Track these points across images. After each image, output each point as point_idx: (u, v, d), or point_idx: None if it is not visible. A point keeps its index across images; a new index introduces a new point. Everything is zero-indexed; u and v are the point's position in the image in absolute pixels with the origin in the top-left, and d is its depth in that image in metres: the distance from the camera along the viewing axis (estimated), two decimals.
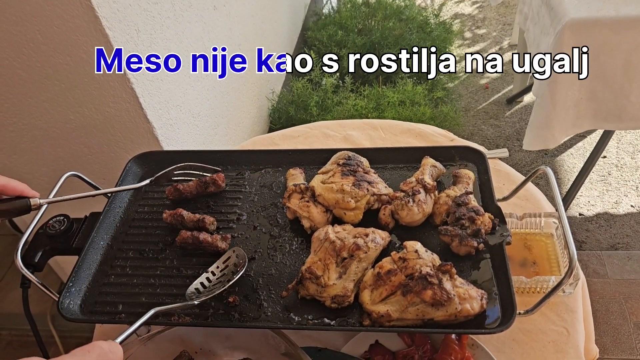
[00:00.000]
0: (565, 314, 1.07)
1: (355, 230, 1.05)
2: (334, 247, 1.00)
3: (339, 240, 1.01)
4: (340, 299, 0.95)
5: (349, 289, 0.96)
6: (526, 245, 1.17)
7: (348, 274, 0.98)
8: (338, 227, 1.07)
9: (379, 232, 1.04)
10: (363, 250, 0.99)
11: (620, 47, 1.77)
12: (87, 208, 1.23)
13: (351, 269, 0.98)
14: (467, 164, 1.23)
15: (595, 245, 2.50)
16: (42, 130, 1.57)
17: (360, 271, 0.99)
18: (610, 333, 2.15)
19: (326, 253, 1.00)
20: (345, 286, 0.96)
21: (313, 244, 1.04)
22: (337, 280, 0.97)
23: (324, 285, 0.96)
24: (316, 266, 0.98)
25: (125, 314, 1.01)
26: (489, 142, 3.12)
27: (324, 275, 0.97)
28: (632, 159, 2.88)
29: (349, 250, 0.99)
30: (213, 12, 2.03)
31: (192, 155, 1.34)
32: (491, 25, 4.13)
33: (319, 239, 1.03)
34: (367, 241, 1.01)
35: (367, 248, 1.00)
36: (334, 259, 0.99)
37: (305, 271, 0.97)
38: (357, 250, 0.99)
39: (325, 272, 0.97)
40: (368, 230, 1.04)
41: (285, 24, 3.19)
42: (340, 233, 1.04)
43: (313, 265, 0.98)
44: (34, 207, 0.98)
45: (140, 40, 1.50)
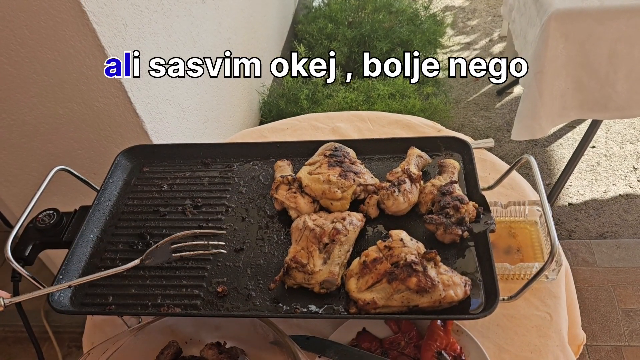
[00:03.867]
0: (548, 300, 1.09)
1: (332, 216, 1.07)
2: (315, 234, 1.02)
3: (318, 228, 1.03)
4: (328, 284, 0.98)
5: (336, 272, 0.98)
6: (511, 233, 1.19)
7: (332, 258, 1.00)
8: (314, 215, 1.09)
9: (354, 214, 1.07)
10: (343, 234, 1.02)
11: (605, 37, 1.79)
12: (77, 201, 1.24)
13: (334, 253, 1.00)
14: (453, 154, 1.25)
15: (585, 234, 2.52)
16: (31, 125, 1.57)
17: (343, 254, 1.02)
18: (599, 320, 2.18)
19: (308, 241, 1.02)
20: (331, 270, 0.98)
21: (293, 234, 1.06)
22: (322, 266, 0.99)
23: (311, 272, 0.98)
24: (300, 255, 1.00)
25: (115, 305, 1.02)
26: (479, 133, 3.14)
27: (309, 262, 0.99)
28: (621, 149, 2.91)
29: (329, 236, 1.02)
30: (202, 5, 2.03)
31: (181, 148, 1.35)
32: (481, 16, 4.14)
33: (299, 229, 1.05)
34: (345, 224, 1.04)
35: (346, 231, 1.03)
36: (316, 245, 1.01)
37: (290, 261, 0.99)
38: (337, 234, 1.01)
39: (310, 260, 0.99)
40: (344, 214, 1.07)
41: (275, 17, 3.19)
42: (317, 220, 1.06)
43: (297, 255, 1.00)
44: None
45: (127, 35, 1.50)
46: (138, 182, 1.29)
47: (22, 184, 1.74)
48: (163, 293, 1.03)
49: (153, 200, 1.24)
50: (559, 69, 1.87)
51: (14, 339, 2.37)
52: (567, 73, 1.89)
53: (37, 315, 2.27)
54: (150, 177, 1.29)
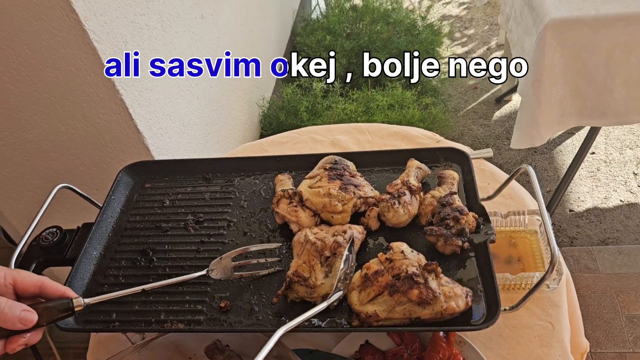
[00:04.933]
0: (550, 309, 1.09)
1: (333, 229, 1.08)
2: (316, 247, 1.03)
3: (319, 241, 1.04)
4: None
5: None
6: (511, 243, 1.19)
7: (334, 271, 1.00)
8: (315, 229, 1.10)
9: (355, 227, 1.08)
10: (344, 246, 1.02)
11: (601, 44, 1.80)
12: (80, 218, 1.25)
13: (336, 266, 1.01)
14: (452, 165, 1.26)
15: (586, 241, 2.53)
16: (33, 143, 1.58)
17: None
18: (602, 327, 2.18)
19: (309, 255, 1.02)
20: (333, 284, 0.98)
21: (295, 248, 1.07)
22: (324, 280, 0.99)
23: (313, 286, 0.98)
24: (302, 269, 1.00)
25: (119, 322, 1.03)
26: (479, 141, 3.15)
27: (311, 276, 0.99)
28: (620, 155, 2.91)
29: (330, 249, 1.02)
30: (201, 21, 2.05)
31: (182, 164, 1.36)
32: (479, 25, 4.17)
33: (300, 242, 1.06)
34: (346, 237, 1.04)
35: (347, 244, 1.03)
36: (317, 259, 1.02)
37: (292, 275, 1.00)
38: (339, 247, 1.02)
39: (312, 273, 1.00)
40: (345, 227, 1.07)
41: (274, 30, 3.22)
42: (319, 234, 1.07)
43: (299, 268, 1.01)
44: (78, 308, 0.86)
45: (128, 51, 1.52)
46: (140, 198, 1.30)
47: (25, 201, 1.75)
48: (166, 309, 1.04)
49: (155, 216, 1.25)
50: (557, 77, 1.89)
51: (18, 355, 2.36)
52: (565, 81, 1.90)
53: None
54: (152, 193, 1.30)
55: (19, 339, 0.78)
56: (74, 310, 0.85)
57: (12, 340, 0.78)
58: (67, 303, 0.84)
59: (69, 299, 0.85)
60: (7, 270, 0.81)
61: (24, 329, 0.78)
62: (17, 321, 0.77)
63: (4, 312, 0.76)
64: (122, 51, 1.49)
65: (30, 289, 0.82)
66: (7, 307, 0.76)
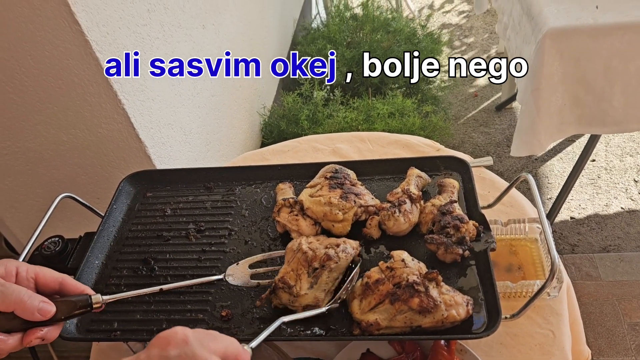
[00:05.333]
0: (551, 317, 1.09)
1: (327, 241, 1.07)
2: (306, 257, 1.02)
3: (310, 251, 1.03)
4: (311, 308, 0.98)
5: (320, 298, 0.99)
6: (512, 251, 1.19)
7: (319, 283, 1.00)
8: (311, 238, 1.09)
9: (350, 242, 1.07)
10: (334, 261, 1.01)
11: (599, 53, 1.81)
12: (82, 227, 1.25)
13: (322, 279, 1.01)
14: (452, 173, 1.26)
15: (588, 248, 2.53)
16: (36, 152, 1.59)
17: (331, 281, 1.02)
18: (604, 335, 2.17)
19: (298, 263, 1.03)
20: (316, 296, 0.99)
21: (287, 254, 1.07)
22: (308, 290, 0.99)
23: (297, 295, 0.99)
24: (289, 276, 1.01)
25: (121, 331, 1.03)
26: (479, 149, 3.16)
27: (297, 285, 1.00)
28: (621, 162, 2.92)
29: (320, 261, 1.01)
30: (202, 31, 2.07)
31: (183, 173, 1.37)
32: (478, 33, 4.19)
33: (292, 250, 1.06)
34: (337, 251, 1.03)
35: (337, 258, 1.02)
36: (305, 269, 1.02)
37: (278, 281, 1.00)
38: (328, 260, 1.01)
39: (298, 282, 1.00)
40: (339, 241, 1.07)
41: (275, 39, 3.24)
42: (312, 244, 1.06)
43: (286, 275, 1.01)
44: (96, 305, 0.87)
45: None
46: (142, 207, 1.30)
47: (27, 210, 1.75)
48: (168, 318, 1.04)
49: (157, 225, 1.25)
50: (556, 85, 1.90)
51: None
52: (564, 89, 1.91)
53: None
54: (154, 202, 1.31)
55: (36, 332, 0.79)
56: (92, 307, 0.87)
57: (29, 333, 0.79)
58: (85, 299, 0.86)
59: (87, 296, 0.87)
60: (29, 265, 0.83)
61: (42, 319, 0.79)
62: (36, 311, 0.78)
63: (24, 300, 0.77)
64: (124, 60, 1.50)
65: (50, 284, 0.84)
66: (27, 296, 0.78)
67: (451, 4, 4.66)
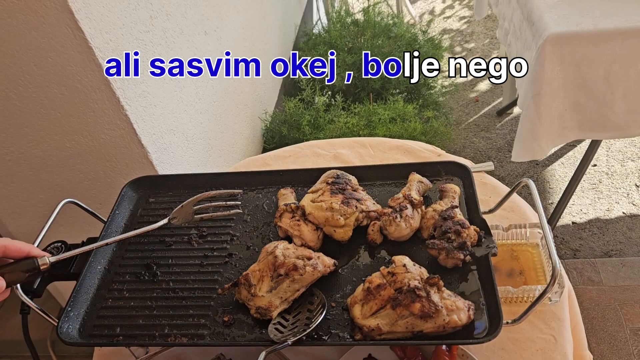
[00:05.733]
0: (552, 322, 1.10)
1: (302, 252, 1.07)
2: (275, 262, 1.04)
3: (281, 257, 1.04)
4: (263, 311, 1.00)
5: (274, 304, 1.00)
6: (513, 256, 1.20)
7: (278, 290, 1.01)
8: (290, 246, 1.10)
9: (324, 259, 1.07)
10: (299, 272, 1.02)
11: (600, 59, 1.82)
12: (84, 233, 1.26)
13: (282, 287, 1.02)
14: (453, 179, 1.27)
15: (589, 253, 2.52)
16: (39, 158, 1.60)
17: (291, 291, 1.02)
18: (607, 340, 2.17)
19: (266, 265, 1.04)
20: (271, 301, 1.00)
21: (261, 254, 1.09)
22: (266, 293, 1.01)
23: (253, 294, 1.01)
24: (254, 275, 1.03)
25: (123, 336, 1.03)
26: (480, 154, 3.16)
27: (257, 285, 1.02)
28: (622, 167, 2.92)
29: (286, 269, 1.02)
30: (204, 37, 2.08)
31: (186, 178, 1.37)
32: (479, 39, 4.20)
33: (266, 251, 1.08)
34: (306, 264, 1.03)
35: (303, 271, 1.02)
36: (270, 272, 1.03)
37: (242, 277, 1.03)
38: (294, 270, 1.02)
39: (260, 283, 1.02)
40: (314, 254, 1.07)
41: (276, 45, 3.25)
42: (288, 250, 1.07)
43: (251, 274, 1.03)
44: (43, 267, 0.89)
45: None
46: (144, 212, 1.31)
47: (30, 216, 1.76)
48: (170, 323, 1.05)
49: (159, 230, 1.25)
50: (557, 90, 1.90)
51: None
52: (565, 95, 1.91)
53: (43, 345, 2.29)
54: (156, 207, 1.32)
55: None
56: (39, 269, 0.88)
57: None
58: (32, 262, 0.88)
59: (33, 259, 0.88)
60: None
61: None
62: None
63: None
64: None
65: None
66: None
67: (452, 9, 4.68)
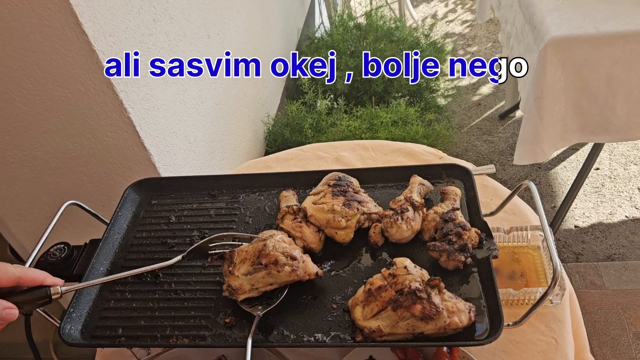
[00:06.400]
0: (553, 325, 1.10)
1: (292, 251, 1.06)
2: (261, 249, 1.05)
3: (269, 247, 1.05)
4: (232, 290, 1.02)
5: (244, 289, 1.02)
6: (514, 258, 1.20)
7: (253, 277, 1.03)
8: (287, 239, 1.10)
9: (308, 265, 1.05)
10: (277, 268, 1.02)
11: (601, 62, 1.82)
12: (87, 234, 1.26)
13: (257, 275, 1.03)
14: (454, 181, 1.27)
15: (592, 257, 2.52)
16: (42, 160, 1.61)
17: (263, 283, 1.03)
18: (609, 344, 2.16)
19: (254, 250, 1.05)
20: (242, 284, 1.02)
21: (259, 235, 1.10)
22: (242, 276, 1.03)
23: (230, 272, 1.03)
24: (240, 254, 1.05)
25: (125, 337, 1.04)
26: (482, 157, 3.16)
27: (238, 265, 1.03)
28: (625, 170, 2.92)
29: (267, 260, 1.03)
30: (207, 40, 2.09)
31: (188, 181, 1.38)
32: (482, 42, 4.21)
33: (261, 237, 1.09)
34: (286, 262, 1.03)
35: (281, 268, 1.02)
36: (253, 258, 1.04)
37: (228, 252, 1.05)
38: (273, 264, 1.02)
39: (240, 264, 1.04)
40: (299, 257, 1.05)
41: (279, 48, 3.26)
42: (280, 244, 1.06)
43: (239, 252, 1.05)
44: (55, 296, 0.92)
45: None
46: (146, 214, 1.31)
47: (33, 218, 1.77)
48: (172, 324, 1.05)
49: (161, 232, 1.26)
50: (558, 94, 1.90)
51: None
52: (567, 98, 1.92)
53: (45, 348, 2.29)
54: (159, 209, 1.32)
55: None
56: (51, 299, 0.92)
57: None
58: (44, 291, 0.91)
59: (46, 288, 0.92)
60: None
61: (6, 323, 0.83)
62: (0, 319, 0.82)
63: None
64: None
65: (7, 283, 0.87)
66: None
67: (454, 13, 4.69)
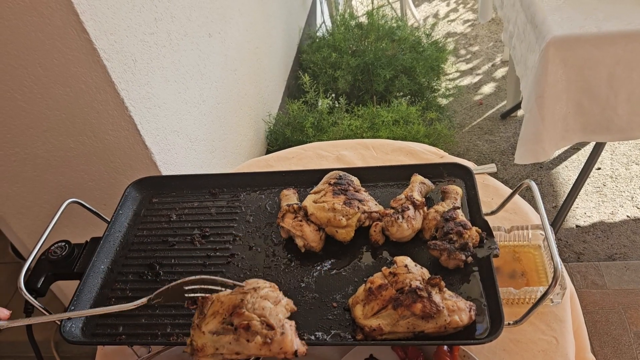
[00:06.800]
0: (554, 324, 1.09)
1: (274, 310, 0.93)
2: (235, 305, 0.93)
3: (247, 304, 0.92)
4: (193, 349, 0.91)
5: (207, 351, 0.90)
6: (515, 257, 1.20)
7: (219, 339, 0.91)
8: (278, 296, 0.97)
9: (286, 340, 0.89)
10: (246, 336, 0.89)
11: (603, 61, 1.81)
12: (88, 233, 1.27)
13: (223, 339, 0.90)
14: (455, 180, 1.27)
15: (593, 256, 2.51)
16: (43, 159, 1.61)
17: (229, 350, 0.90)
18: (610, 343, 2.16)
19: (230, 302, 0.93)
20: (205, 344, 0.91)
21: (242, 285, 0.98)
22: (208, 334, 0.91)
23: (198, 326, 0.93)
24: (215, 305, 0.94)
25: (126, 335, 1.04)
26: (484, 157, 3.16)
27: (208, 318, 0.93)
28: (627, 170, 2.91)
29: (239, 321, 0.90)
30: (208, 39, 2.09)
31: (189, 179, 1.38)
32: (483, 42, 4.20)
33: (243, 289, 0.97)
34: (259, 331, 0.89)
35: (251, 337, 0.89)
36: (226, 314, 0.92)
37: (200, 299, 0.96)
38: (244, 329, 0.89)
39: (211, 317, 0.93)
40: (279, 328, 0.90)
41: (280, 47, 3.26)
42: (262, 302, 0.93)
43: (213, 302, 0.95)
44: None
45: (137, 70, 1.55)
46: (147, 213, 1.31)
47: (34, 216, 1.77)
48: (172, 322, 1.05)
49: (162, 230, 1.26)
50: (560, 93, 1.90)
51: None
52: (568, 97, 1.91)
53: (47, 346, 2.29)
54: (160, 207, 1.32)
55: None
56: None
57: None
58: None
59: None
60: None
61: None
62: None
63: None
64: (131, 69, 1.52)
65: None
66: None
67: (456, 12, 4.68)
